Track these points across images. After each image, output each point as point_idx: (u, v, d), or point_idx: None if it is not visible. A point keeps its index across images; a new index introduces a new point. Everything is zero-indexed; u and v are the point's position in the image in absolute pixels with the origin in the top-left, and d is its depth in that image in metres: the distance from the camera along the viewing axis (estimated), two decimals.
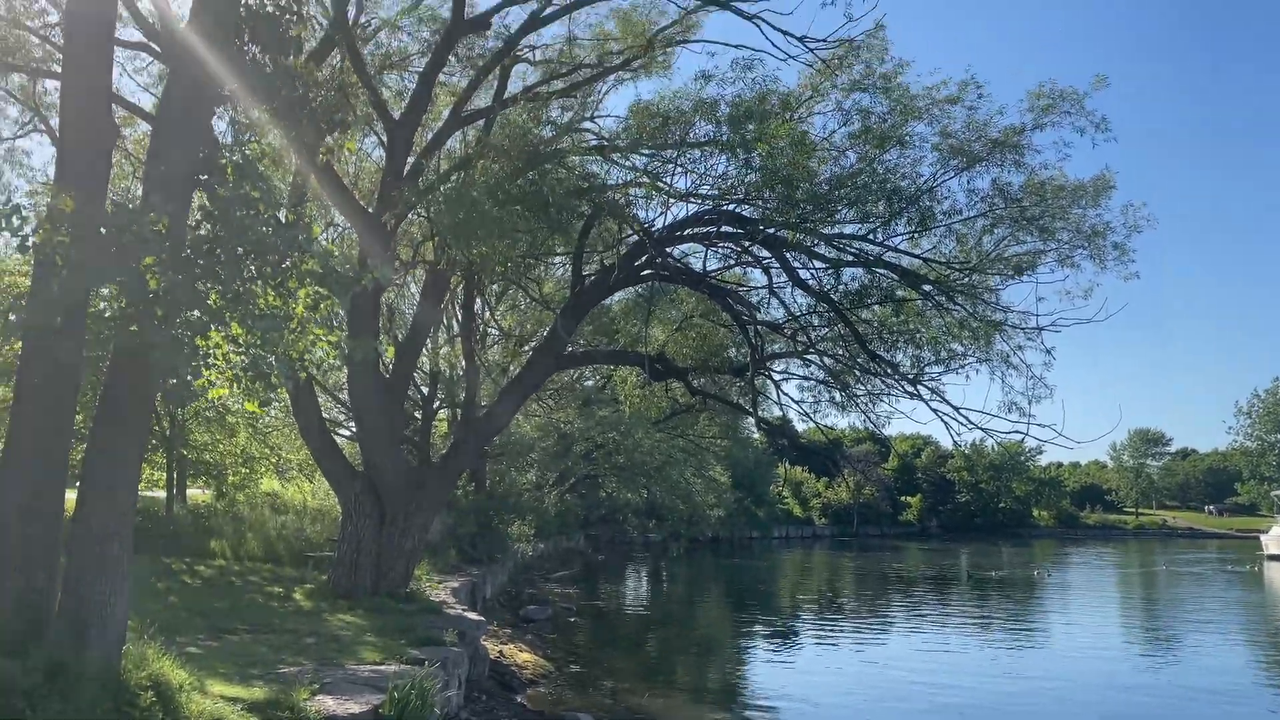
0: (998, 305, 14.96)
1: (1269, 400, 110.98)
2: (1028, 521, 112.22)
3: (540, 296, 21.29)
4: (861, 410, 16.98)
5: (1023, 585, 41.53)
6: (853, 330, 14.95)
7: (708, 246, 14.69)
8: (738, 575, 46.87)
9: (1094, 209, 13.85)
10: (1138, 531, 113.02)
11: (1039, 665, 19.29)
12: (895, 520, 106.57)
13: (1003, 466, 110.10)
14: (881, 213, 13.56)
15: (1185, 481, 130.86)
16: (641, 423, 29.10)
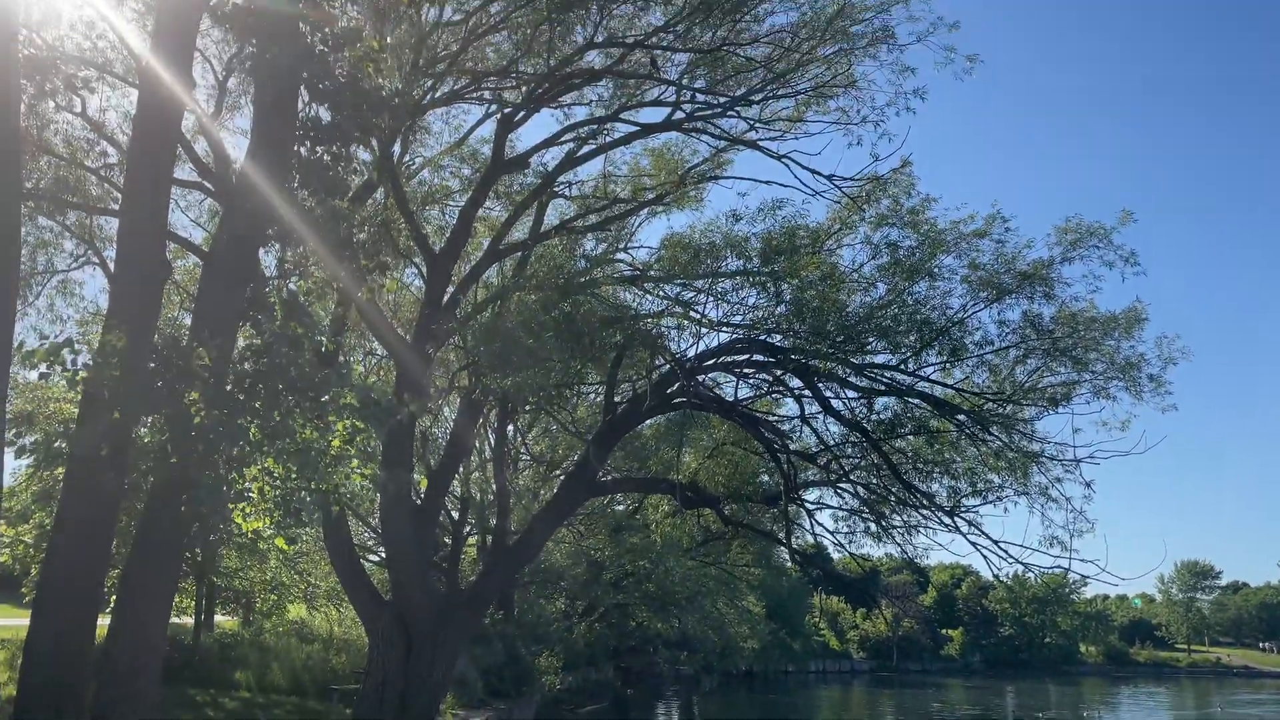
0: (1034, 436, 14.80)
1: None
2: (1075, 658, 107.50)
3: (573, 423, 21.39)
4: (897, 542, 16.65)
5: None
6: (886, 460, 14.82)
7: (739, 376, 14.80)
8: (774, 713, 45.11)
9: (1127, 340, 13.84)
10: (1191, 670, 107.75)
11: None
12: (936, 655, 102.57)
13: (1047, 599, 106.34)
14: (912, 343, 13.64)
15: (1238, 617, 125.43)
16: (673, 550, 28.63)
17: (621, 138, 14.71)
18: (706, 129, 14.58)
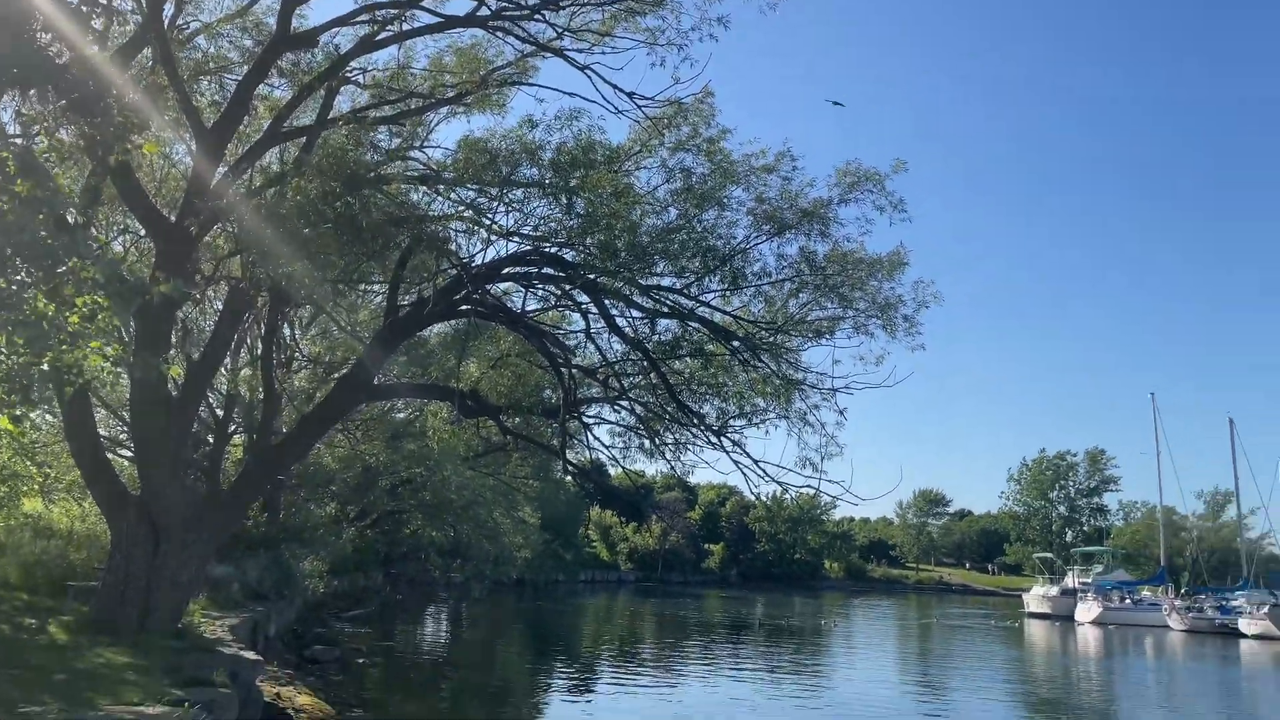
0: (798, 365, 15.76)
1: (1035, 469, 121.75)
2: (820, 573, 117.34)
3: (352, 325, 20.62)
4: (668, 459, 17.36)
5: (811, 634, 43.32)
6: (664, 380, 15.33)
7: (527, 287, 14.75)
8: (541, 619, 46.49)
9: (889, 282, 14.87)
10: (917, 586, 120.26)
11: (820, 712, 20.13)
12: (698, 568, 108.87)
13: (799, 519, 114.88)
14: (697, 269, 14.06)
15: (962, 540, 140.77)
16: (450, 459, 28.52)
17: (422, 27, 14.02)
18: (513, 30, 14.15)
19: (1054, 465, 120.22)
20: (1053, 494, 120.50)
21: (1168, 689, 29.36)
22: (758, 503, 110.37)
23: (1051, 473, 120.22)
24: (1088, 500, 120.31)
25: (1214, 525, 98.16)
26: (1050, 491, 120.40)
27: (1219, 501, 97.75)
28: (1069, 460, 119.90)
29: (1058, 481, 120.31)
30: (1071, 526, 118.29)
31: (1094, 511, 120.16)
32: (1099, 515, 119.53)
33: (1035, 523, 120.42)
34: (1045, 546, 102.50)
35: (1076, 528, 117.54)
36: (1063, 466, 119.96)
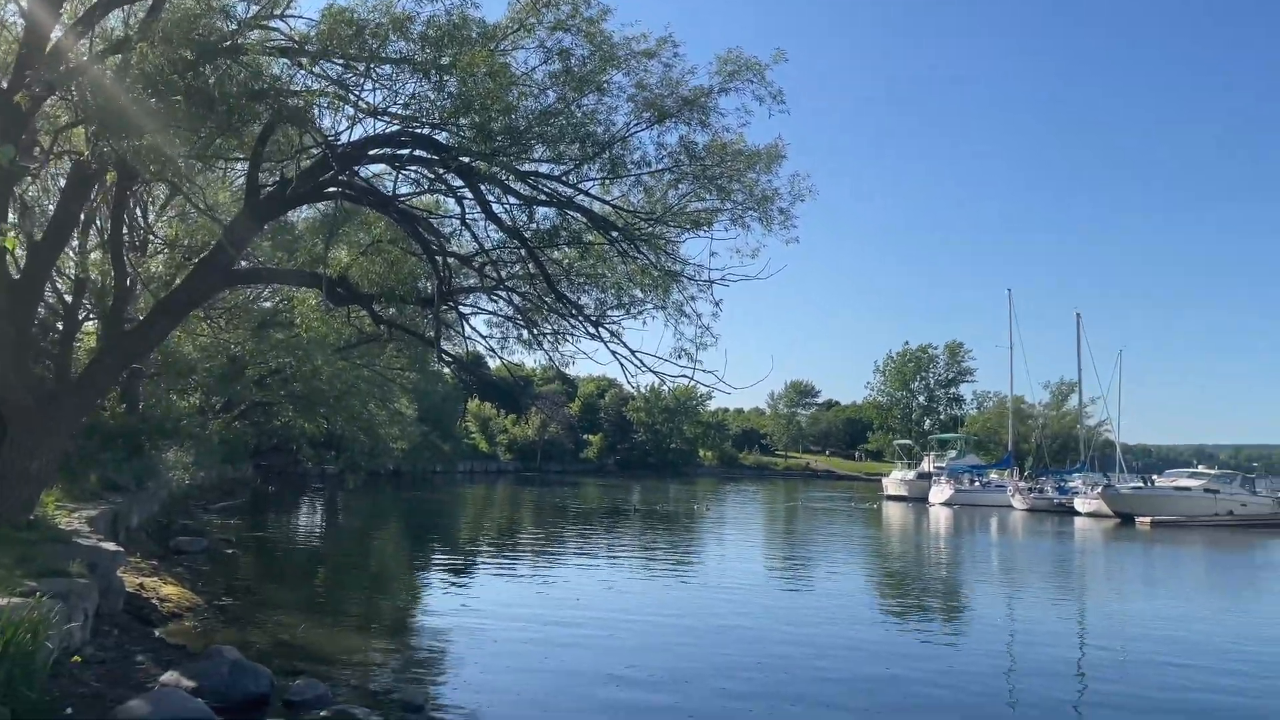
0: (676, 257, 15.82)
1: (899, 361, 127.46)
2: (694, 461, 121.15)
3: (209, 206, 19.48)
4: (546, 350, 17.33)
5: (685, 519, 44.93)
6: (542, 269, 15.16)
7: (397, 169, 14.18)
8: (418, 508, 46.59)
9: (766, 175, 14.94)
10: (785, 472, 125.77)
11: (689, 590, 21.04)
12: (577, 457, 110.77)
13: (676, 410, 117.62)
14: (576, 155, 13.77)
15: (828, 429, 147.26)
16: (321, 350, 27.73)
17: None
18: None
19: (916, 358, 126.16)
20: (914, 385, 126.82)
21: (1007, 562, 31.91)
22: (636, 394, 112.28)
23: (914, 365, 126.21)
24: (946, 390, 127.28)
25: (1058, 413, 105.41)
26: (912, 382, 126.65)
27: (1063, 391, 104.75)
28: (930, 353, 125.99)
29: (919, 373, 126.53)
30: (930, 415, 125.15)
31: (951, 401, 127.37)
32: (955, 404, 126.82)
33: (897, 412, 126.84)
34: (905, 434, 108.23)
35: (934, 416, 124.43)
36: (924, 359, 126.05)
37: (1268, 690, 13.05)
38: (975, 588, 24.75)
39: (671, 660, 12.93)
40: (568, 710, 10.21)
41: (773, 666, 12.88)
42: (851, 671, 12.80)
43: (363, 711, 9.66)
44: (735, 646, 14.22)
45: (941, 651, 15.42)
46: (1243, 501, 53.96)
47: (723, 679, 11.87)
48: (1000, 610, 21.03)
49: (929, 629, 18.09)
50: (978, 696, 11.94)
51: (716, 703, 10.60)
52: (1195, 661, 14.83)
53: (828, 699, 11.07)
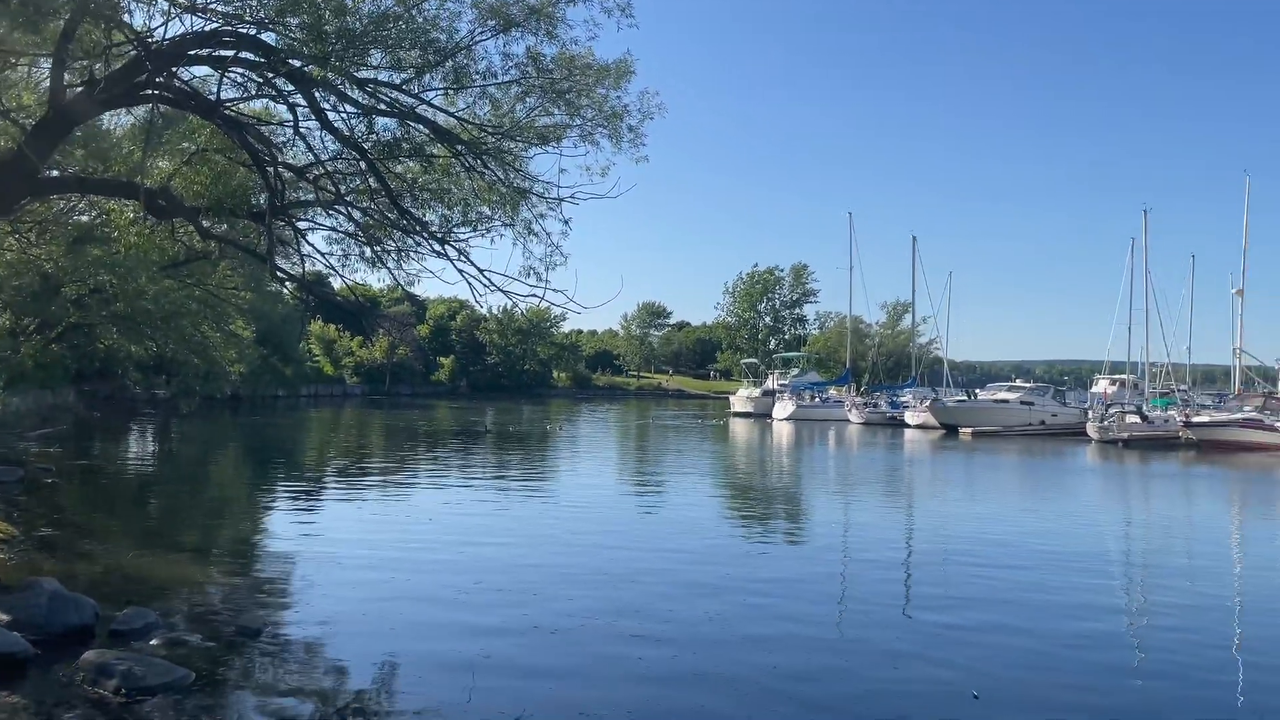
0: (525, 174, 15.50)
1: (748, 283, 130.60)
2: (548, 382, 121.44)
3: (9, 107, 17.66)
4: (390, 268, 16.80)
5: (538, 438, 45.15)
6: (383, 183, 14.56)
7: (221, 72, 13.19)
8: (259, 434, 44.91)
9: (616, 91, 14.73)
10: (638, 391, 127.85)
11: (541, 509, 21.27)
12: (428, 380, 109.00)
13: (529, 332, 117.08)
14: (416, 62, 13.17)
15: (679, 350, 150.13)
16: (145, 266, 25.90)
17: None
18: None
19: (763, 279, 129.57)
20: (761, 306, 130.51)
21: (842, 472, 33.72)
22: (488, 316, 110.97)
23: (761, 286, 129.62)
24: (791, 311, 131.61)
25: (893, 332, 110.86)
26: (759, 303, 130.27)
27: (898, 311, 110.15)
28: (776, 275, 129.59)
29: (766, 294, 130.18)
30: (776, 335, 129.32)
31: (795, 321, 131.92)
32: (799, 325, 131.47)
33: (745, 332, 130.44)
34: (752, 354, 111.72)
35: (780, 336, 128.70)
36: (771, 280, 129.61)
37: (1061, 576, 14.39)
38: (813, 496, 26.07)
39: (521, 577, 13.08)
40: (413, 631, 10.20)
41: (619, 578, 13.23)
42: (694, 581, 13.28)
43: (196, 639, 9.35)
44: (584, 562, 14.52)
45: (781, 556, 16.24)
46: (1054, 412, 58.65)
47: (569, 594, 12.11)
48: (835, 516, 22.26)
49: (770, 537, 18.97)
50: (812, 597, 12.64)
51: (561, 618, 10.81)
52: (1007, 557, 16.17)
53: (668, 609, 11.47)
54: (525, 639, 9.88)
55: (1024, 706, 8.33)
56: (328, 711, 7.68)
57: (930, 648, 10.08)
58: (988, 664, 9.51)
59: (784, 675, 8.92)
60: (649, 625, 10.51)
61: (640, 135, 15.08)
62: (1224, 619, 12.34)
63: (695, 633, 10.30)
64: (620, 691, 8.30)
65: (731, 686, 8.53)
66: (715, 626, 10.63)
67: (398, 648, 9.49)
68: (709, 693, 8.32)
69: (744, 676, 8.80)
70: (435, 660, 9.07)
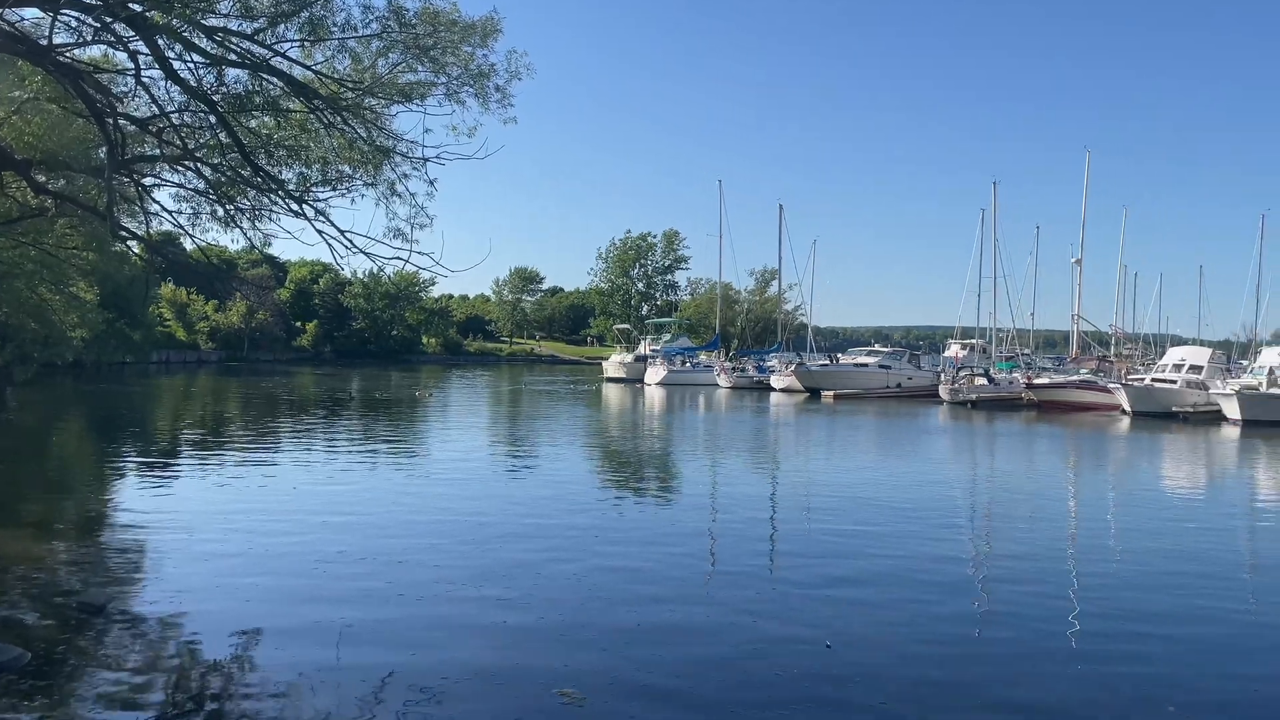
0: (389, 132, 15.06)
1: (621, 249, 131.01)
2: (417, 348, 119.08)
3: None
4: (244, 229, 16.08)
5: (407, 405, 44.30)
6: (235, 139, 13.88)
7: (53, 15, 12.25)
8: (106, 402, 42.48)
9: (482, 49, 14.45)
10: (510, 357, 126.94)
11: (409, 476, 20.94)
12: (289, 346, 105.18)
13: (397, 296, 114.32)
14: (268, 11, 12.57)
15: (552, 315, 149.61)
16: None
17: None
18: None
19: (636, 245, 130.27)
20: (634, 272, 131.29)
21: (711, 435, 34.46)
22: (353, 279, 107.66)
23: (634, 252, 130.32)
24: (663, 277, 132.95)
25: (761, 299, 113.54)
26: (632, 269, 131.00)
27: (766, 278, 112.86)
28: (649, 241, 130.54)
29: (638, 260, 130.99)
30: (648, 301, 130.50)
31: (667, 287, 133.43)
32: (671, 290, 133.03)
33: (618, 298, 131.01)
34: (625, 319, 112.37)
35: (652, 302, 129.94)
36: (644, 247, 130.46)
37: (913, 529, 15.18)
38: (682, 459, 26.58)
39: (386, 545, 12.87)
40: (271, 603, 9.92)
41: (485, 545, 13.19)
42: (561, 545, 13.36)
43: (33, 617, 8.85)
44: (450, 529, 14.39)
45: (649, 519, 16.53)
46: (909, 375, 61.49)
47: (434, 561, 12.01)
48: (703, 478, 22.78)
49: (639, 500, 19.25)
50: (677, 558, 12.92)
51: (426, 585, 10.71)
52: (864, 512, 16.94)
53: (536, 574, 11.52)
54: (389, 607, 9.75)
55: (874, 653, 8.78)
56: (178, 687, 7.42)
57: (788, 602, 10.49)
58: (842, 616, 9.96)
59: (645, 634, 9.12)
60: (514, 591, 10.54)
61: (508, 96, 14.87)
62: (1059, 565, 13.30)
63: (559, 596, 10.39)
64: (482, 656, 8.32)
65: (593, 646, 8.67)
66: (580, 589, 10.76)
67: (255, 620, 9.22)
68: (571, 653, 8.44)
69: (605, 636, 8.95)
70: (295, 631, 8.86)
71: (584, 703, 7.22)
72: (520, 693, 7.42)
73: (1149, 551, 14.27)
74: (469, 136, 14.83)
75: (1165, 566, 13.16)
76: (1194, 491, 23.23)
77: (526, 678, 7.74)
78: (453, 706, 7.12)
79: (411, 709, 7.03)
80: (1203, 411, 44.41)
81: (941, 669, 8.34)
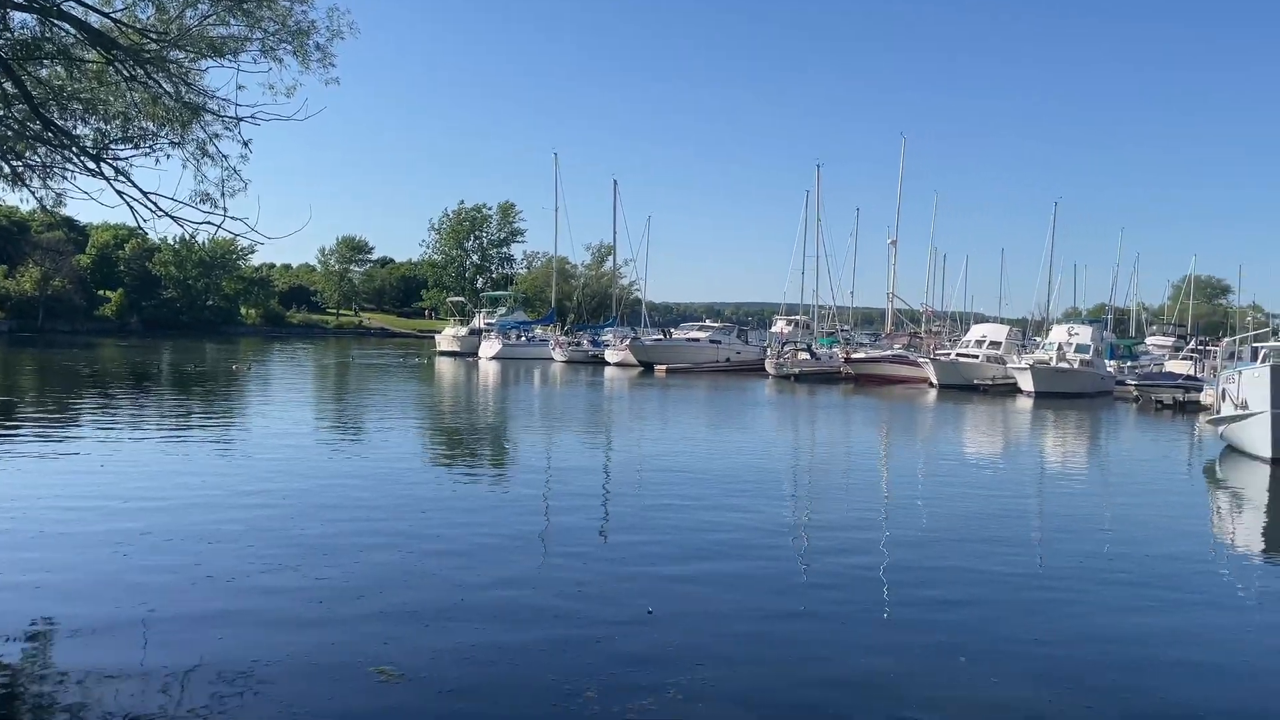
0: (198, 88, 14.10)
1: (455, 220, 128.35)
2: (235, 319, 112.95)
3: None
4: (32, 188, 14.70)
5: (224, 379, 41.99)
6: (23, 89, 12.63)
7: None
8: None
9: (301, 5, 13.71)
10: (337, 330, 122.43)
11: (224, 454, 19.87)
12: (91, 315, 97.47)
13: (213, 264, 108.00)
14: None
15: (382, 286, 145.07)
16: None
17: None
18: None
19: (471, 217, 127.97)
20: (468, 244, 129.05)
21: (546, 409, 34.47)
22: (163, 245, 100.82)
23: (468, 224, 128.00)
24: (498, 250, 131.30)
25: (597, 273, 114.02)
26: (466, 241, 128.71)
27: (602, 253, 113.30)
28: (484, 213, 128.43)
29: (473, 232, 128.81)
30: (483, 274, 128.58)
31: (503, 260, 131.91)
32: (507, 263, 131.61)
33: (452, 270, 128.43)
34: (459, 292, 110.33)
35: (487, 275, 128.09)
36: (478, 218, 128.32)
37: (740, 498, 15.75)
38: (516, 434, 26.45)
39: (196, 529, 12.19)
40: (64, 594, 9.24)
41: (307, 525, 12.71)
42: (386, 523, 13.06)
43: None
44: (269, 510, 13.77)
45: (480, 494, 16.39)
46: (738, 350, 63.42)
47: (248, 543, 11.49)
48: (538, 453, 22.77)
49: (471, 476, 19.04)
50: (512, 530, 12.89)
51: (239, 569, 10.21)
52: (693, 483, 17.40)
53: (357, 554, 11.20)
54: (197, 593, 9.26)
55: (690, 617, 9.06)
56: None
57: (615, 573, 10.66)
58: (665, 584, 10.21)
59: (467, 611, 9.06)
60: (333, 571, 10.21)
61: (330, 55, 14.17)
62: (872, 527, 14.11)
63: (381, 575, 10.16)
64: (298, 639, 8.04)
65: (414, 624, 8.53)
66: (403, 568, 10.56)
67: (48, 615, 8.55)
68: (391, 632, 8.28)
69: (427, 615, 8.82)
70: (93, 626, 8.27)
71: (401, 679, 7.10)
72: (336, 674, 7.22)
73: (954, 516, 15.34)
74: (288, 96, 14.07)
75: (966, 530, 14.20)
76: (992, 458, 25.15)
77: (343, 658, 7.54)
78: (266, 692, 6.84)
79: (222, 700, 6.71)
80: (1001, 384, 48.02)
81: (761, 641, 8.69)
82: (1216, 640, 9.06)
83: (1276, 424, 22.11)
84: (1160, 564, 12.35)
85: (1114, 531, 14.65)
